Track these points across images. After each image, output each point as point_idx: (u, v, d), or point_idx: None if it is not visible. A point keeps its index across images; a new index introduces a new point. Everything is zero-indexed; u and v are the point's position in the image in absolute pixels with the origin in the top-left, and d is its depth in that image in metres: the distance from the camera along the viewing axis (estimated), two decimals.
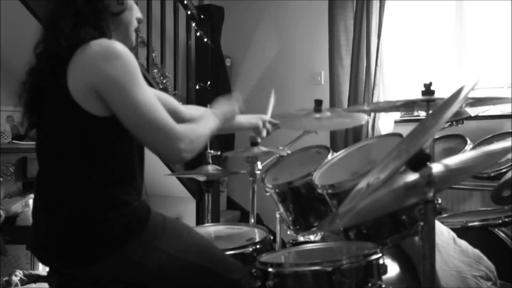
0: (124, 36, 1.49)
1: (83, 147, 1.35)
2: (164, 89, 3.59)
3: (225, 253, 1.61)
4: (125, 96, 1.31)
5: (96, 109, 1.33)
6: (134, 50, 1.41)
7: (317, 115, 2.33)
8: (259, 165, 2.33)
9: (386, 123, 3.46)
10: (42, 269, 2.89)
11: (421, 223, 1.13)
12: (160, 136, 1.36)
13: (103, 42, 1.34)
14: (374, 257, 1.52)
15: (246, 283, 1.54)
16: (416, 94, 1.84)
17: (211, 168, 2.31)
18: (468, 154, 1.36)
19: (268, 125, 2.09)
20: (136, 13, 1.52)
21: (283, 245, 2.35)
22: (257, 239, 1.83)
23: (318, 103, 2.34)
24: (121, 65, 1.31)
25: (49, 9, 1.44)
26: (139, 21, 1.54)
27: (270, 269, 1.54)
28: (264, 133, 2.09)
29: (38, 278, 2.70)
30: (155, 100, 1.37)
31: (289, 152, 2.39)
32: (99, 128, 1.35)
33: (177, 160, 1.46)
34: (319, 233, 2.19)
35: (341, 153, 2.06)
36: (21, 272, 2.70)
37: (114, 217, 1.35)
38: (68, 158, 1.36)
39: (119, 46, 1.33)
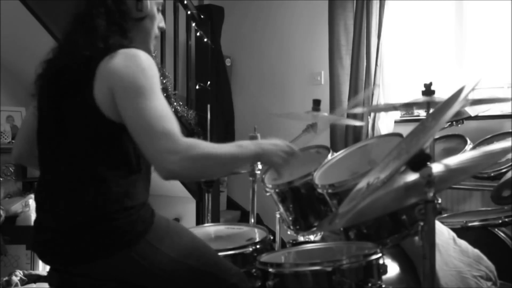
0: (142, 42, 1.50)
1: (98, 150, 1.36)
2: (164, 89, 3.58)
3: (223, 258, 1.61)
4: (135, 98, 1.30)
5: (113, 114, 1.33)
6: None
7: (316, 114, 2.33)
8: (259, 165, 2.33)
9: (386, 123, 3.47)
10: (42, 269, 2.89)
11: (421, 223, 1.13)
12: (154, 147, 1.28)
13: (128, 50, 1.36)
14: (374, 257, 1.51)
15: (243, 286, 1.55)
16: (416, 94, 1.84)
17: None
18: (468, 154, 1.36)
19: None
20: (159, 22, 1.53)
21: (283, 245, 2.35)
22: (257, 239, 1.83)
23: (317, 103, 2.34)
24: (140, 70, 1.32)
25: (79, 5, 1.44)
26: (161, 30, 1.55)
27: (270, 269, 1.54)
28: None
29: (38, 278, 2.71)
30: (165, 111, 1.31)
31: None
32: (116, 134, 1.35)
33: (163, 174, 1.30)
34: (319, 233, 2.19)
35: (341, 153, 2.06)
36: (21, 272, 2.70)
37: (120, 217, 1.35)
38: (81, 158, 1.37)
39: (142, 54, 1.35)
